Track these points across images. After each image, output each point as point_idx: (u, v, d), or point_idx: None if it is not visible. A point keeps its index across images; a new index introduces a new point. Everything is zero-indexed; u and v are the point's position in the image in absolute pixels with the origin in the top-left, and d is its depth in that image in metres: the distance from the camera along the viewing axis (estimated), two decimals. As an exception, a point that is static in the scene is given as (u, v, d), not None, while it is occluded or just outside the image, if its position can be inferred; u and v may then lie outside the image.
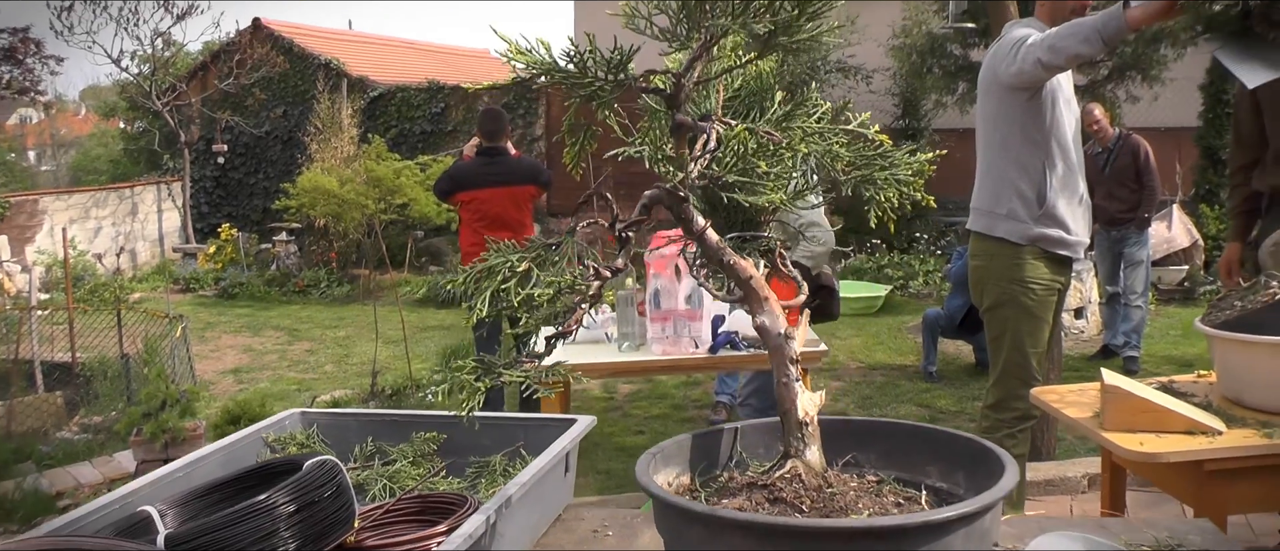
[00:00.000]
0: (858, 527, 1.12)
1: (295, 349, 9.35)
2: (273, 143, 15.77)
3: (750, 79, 1.42)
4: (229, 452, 1.77)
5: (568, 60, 1.25)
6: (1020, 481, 3.61)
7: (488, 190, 5.89)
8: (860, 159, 1.38)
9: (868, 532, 1.10)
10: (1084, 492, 4.63)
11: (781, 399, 1.31)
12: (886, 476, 1.35)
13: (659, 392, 6.94)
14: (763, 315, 1.34)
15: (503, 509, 1.35)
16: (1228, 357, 2.65)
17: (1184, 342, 7.87)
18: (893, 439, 1.42)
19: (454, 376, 1.20)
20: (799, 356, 1.34)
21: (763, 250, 1.47)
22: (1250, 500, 2.49)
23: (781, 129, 1.33)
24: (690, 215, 1.35)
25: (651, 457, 1.31)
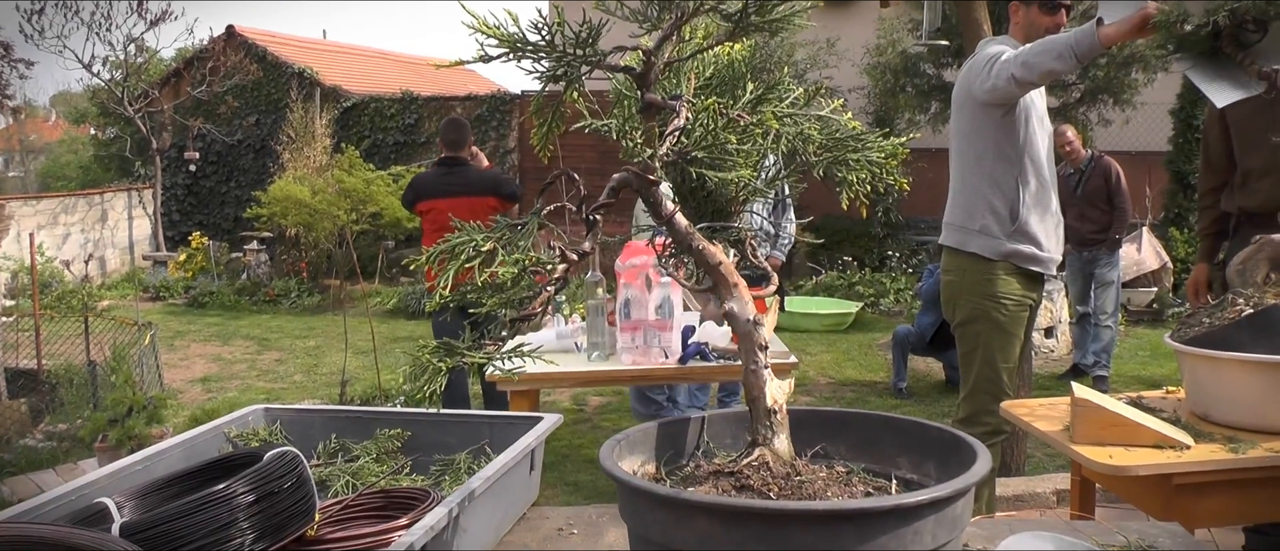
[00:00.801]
0: (825, 510, 1.10)
1: (265, 358, 9.26)
2: (245, 151, 15.68)
3: (722, 67, 1.41)
4: (190, 447, 1.74)
5: (536, 34, 1.23)
6: (990, 495, 3.62)
7: (446, 200, 5.82)
8: (831, 141, 1.37)
9: (836, 515, 1.09)
10: (1053, 508, 4.65)
11: (749, 386, 1.30)
12: (856, 466, 1.33)
13: (628, 405, 6.90)
14: (732, 301, 1.33)
15: (465, 503, 1.33)
16: (1196, 373, 2.66)
17: (1152, 363, 7.93)
18: (863, 429, 1.41)
19: (418, 359, 1.18)
20: (767, 342, 1.33)
21: (732, 240, 1.46)
22: (1216, 514, 2.50)
23: (753, 112, 1.33)
24: (658, 198, 1.33)
25: (616, 444, 1.29)
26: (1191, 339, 2.61)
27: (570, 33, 1.23)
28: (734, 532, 1.08)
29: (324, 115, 14.25)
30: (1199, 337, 2.59)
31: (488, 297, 1.25)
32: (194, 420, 5.68)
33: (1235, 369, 2.52)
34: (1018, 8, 3.57)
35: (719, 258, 1.35)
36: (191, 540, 1.22)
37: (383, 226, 12.14)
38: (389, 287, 12.33)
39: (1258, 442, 2.43)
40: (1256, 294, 2.64)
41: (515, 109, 14.53)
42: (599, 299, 3.56)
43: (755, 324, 1.31)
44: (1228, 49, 2.98)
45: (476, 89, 17.27)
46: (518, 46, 1.24)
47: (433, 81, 18.85)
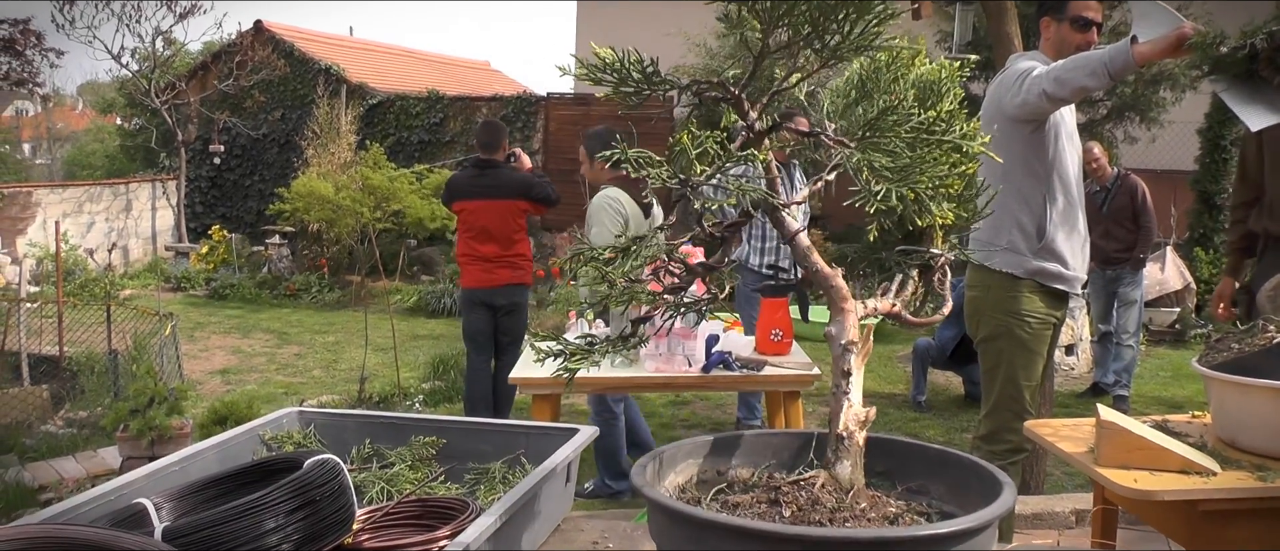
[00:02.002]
0: (821, 537, 1.11)
1: (284, 352, 9.31)
2: (269, 145, 15.76)
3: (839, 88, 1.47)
4: (224, 449, 1.75)
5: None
6: (1010, 514, 3.61)
7: (476, 202, 5.92)
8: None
9: (835, 543, 1.10)
10: (1072, 528, 4.62)
11: (832, 407, 1.32)
12: (915, 503, 1.35)
13: (648, 411, 6.91)
14: (834, 323, 1.34)
15: (506, 515, 1.34)
16: (1224, 399, 2.65)
17: (1174, 384, 7.89)
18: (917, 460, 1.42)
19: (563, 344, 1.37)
20: (851, 369, 1.34)
21: (921, 265, 1.46)
22: (1242, 542, 2.48)
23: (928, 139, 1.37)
24: (783, 220, 1.37)
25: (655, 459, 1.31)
26: (1220, 364, 2.60)
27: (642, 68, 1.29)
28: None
29: (349, 112, 14.31)
30: (1228, 363, 2.58)
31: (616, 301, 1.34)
32: (214, 412, 5.71)
33: (1265, 396, 2.51)
34: (1049, 23, 3.56)
35: (835, 281, 1.37)
36: (233, 546, 1.23)
37: (406, 225, 12.18)
38: (409, 285, 12.37)
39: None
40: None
41: (541, 110, 14.57)
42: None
43: (846, 349, 1.32)
44: (1264, 72, 2.97)
45: (502, 89, 17.32)
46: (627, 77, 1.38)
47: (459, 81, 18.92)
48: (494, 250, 5.91)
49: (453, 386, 7.35)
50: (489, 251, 5.91)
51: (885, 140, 1.35)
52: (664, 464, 1.33)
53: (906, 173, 1.36)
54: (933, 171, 1.37)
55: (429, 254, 13.36)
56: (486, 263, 5.92)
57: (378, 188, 11.66)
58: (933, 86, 1.47)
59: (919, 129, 1.37)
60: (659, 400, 7.02)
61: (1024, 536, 4.48)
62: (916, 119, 1.39)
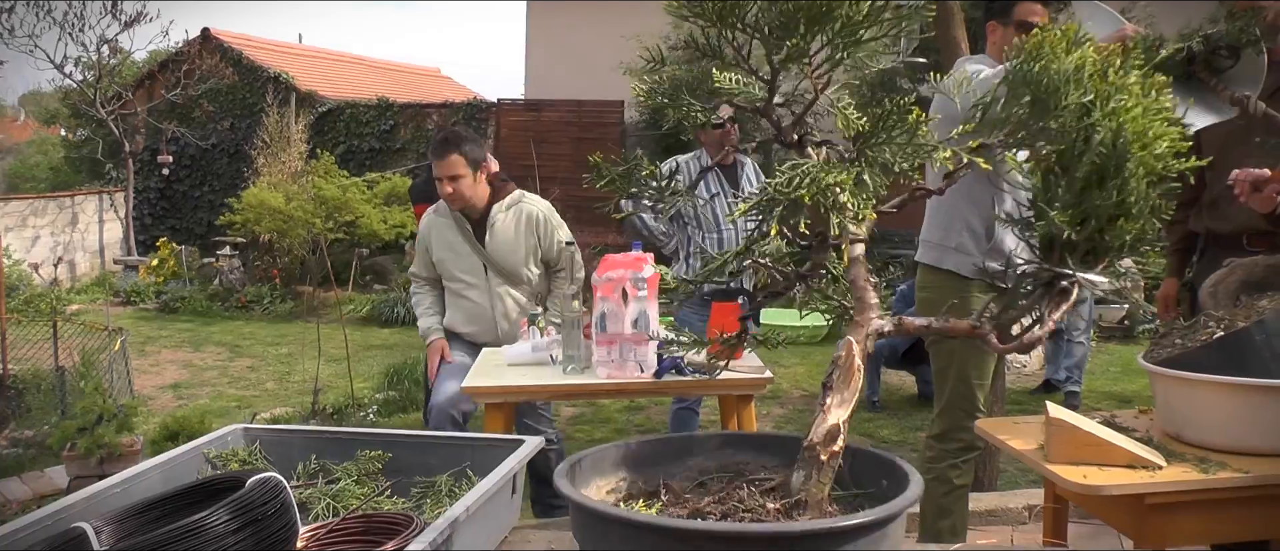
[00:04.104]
0: (724, 532, 1.14)
1: (237, 365, 9.20)
2: (219, 155, 15.58)
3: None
4: (168, 468, 1.73)
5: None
6: (963, 511, 3.64)
7: (424, 205, 6.00)
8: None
9: (739, 537, 1.13)
10: (1025, 523, 4.67)
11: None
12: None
13: (603, 417, 6.91)
14: (845, 340, 1.34)
15: (450, 530, 1.33)
16: (1169, 394, 2.69)
17: (1124, 379, 8.00)
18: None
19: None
20: (833, 384, 1.33)
21: (1060, 289, 1.40)
22: (1187, 533, 2.53)
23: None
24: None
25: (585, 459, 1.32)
26: (1165, 360, 2.64)
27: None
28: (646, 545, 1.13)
29: (299, 120, 14.18)
30: (1172, 359, 2.62)
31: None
32: (165, 428, 5.62)
33: (1207, 390, 2.56)
34: (995, 27, 3.60)
35: (871, 301, 1.36)
36: (173, 568, 1.21)
37: (358, 235, 12.09)
38: (362, 295, 12.27)
39: (1228, 463, 2.46)
40: (1228, 317, 2.67)
41: (492, 116, 14.52)
42: (574, 312, 3.56)
43: (833, 363, 1.33)
44: (1201, 74, 3.03)
45: (453, 96, 17.26)
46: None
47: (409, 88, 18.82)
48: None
49: (407, 396, 7.30)
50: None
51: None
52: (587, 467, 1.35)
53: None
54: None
55: (381, 263, 13.26)
56: None
57: (330, 199, 11.57)
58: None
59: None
60: (614, 406, 7.02)
61: (978, 533, 4.52)
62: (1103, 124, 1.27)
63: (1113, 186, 1.25)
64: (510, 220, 4.42)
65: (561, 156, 13.87)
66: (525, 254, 4.41)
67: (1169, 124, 1.29)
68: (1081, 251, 1.32)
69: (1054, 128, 1.28)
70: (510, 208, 4.44)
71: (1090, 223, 1.29)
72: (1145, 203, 1.27)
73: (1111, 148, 1.25)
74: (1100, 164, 1.25)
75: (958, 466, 3.56)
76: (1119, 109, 1.26)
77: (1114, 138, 1.25)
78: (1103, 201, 1.26)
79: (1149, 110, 1.27)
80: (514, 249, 4.39)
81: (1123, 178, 1.25)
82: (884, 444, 6.16)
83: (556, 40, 15.37)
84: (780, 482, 1.32)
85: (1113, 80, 1.28)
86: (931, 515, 3.60)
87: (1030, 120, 1.32)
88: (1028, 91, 1.32)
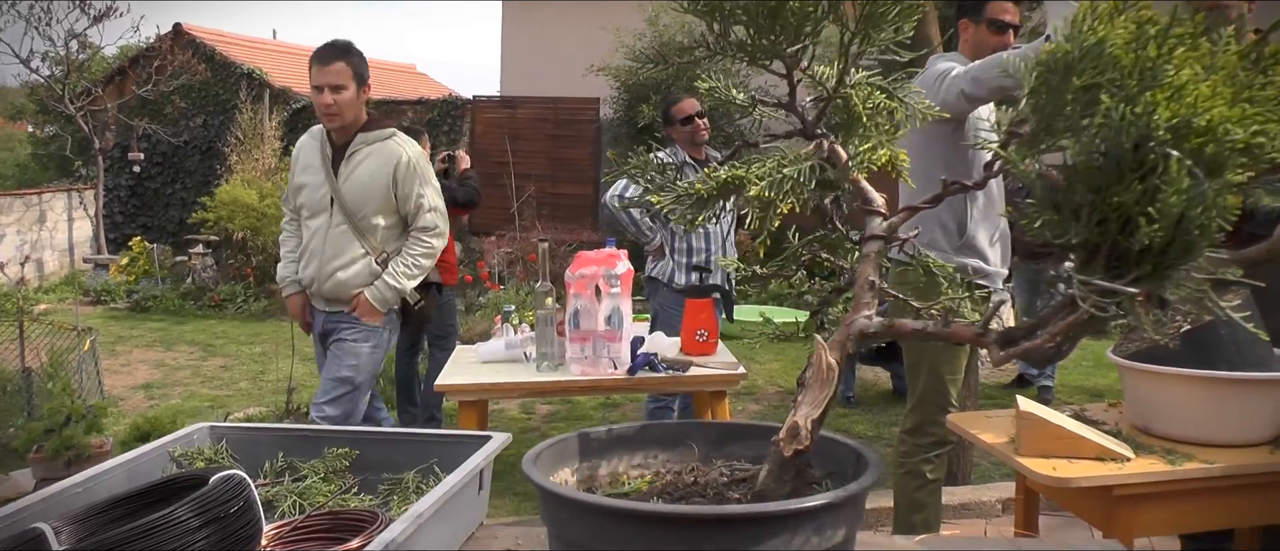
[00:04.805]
0: (666, 514, 1.15)
1: (209, 364, 9.13)
2: (191, 152, 15.44)
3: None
4: (132, 467, 1.70)
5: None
6: (936, 504, 3.66)
7: None
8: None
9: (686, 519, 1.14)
10: (998, 516, 4.71)
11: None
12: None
13: (578, 413, 6.90)
14: (817, 339, 1.34)
15: (414, 526, 1.32)
16: (1137, 387, 2.72)
17: (1096, 373, 8.06)
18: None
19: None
20: (807, 381, 1.33)
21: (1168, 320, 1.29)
22: (1155, 524, 2.56)
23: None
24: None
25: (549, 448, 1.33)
26: (1133, 354, 2.67)
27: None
28: (612, 531, 1.15)
29: (273, 117, 14.08)
30: (1140, 353, 2.65)
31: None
32: (136, 429, 5.58)
33: (1174, 383, 2.59)
34: (967, 25, 3.62)
35: (864, 301, 1.34)
36: (135, 567, 1.20)
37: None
38: (337, 292, 12.19)
39: (1194, 455, 2.49)
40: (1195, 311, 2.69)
41: (467, 113, 14.47)
42: (548, 309, 3.55)
43: (808, 361, 1.32)
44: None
45: (428, 93, 17.19)
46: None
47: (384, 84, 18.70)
48: None
49: (382, 394, 7.26)
50: None
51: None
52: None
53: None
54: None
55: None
56: None
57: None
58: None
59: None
60: (589, 402, 7.01)
61: (951, 526, 4.55)
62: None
63: (1132, 179, 1.06)
64: (373, 156, 3.90)
65: (536, 153, 13.85)
66: (378, 199, 3.89)
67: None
68: (1104, 258, 1.14)
69: (1099, 119, 1.08)
70: (378, 142, 3.93)
71: (1109, 224, 1.10)
72: (1189, 200, 1.04)
73: (1171, 135, 1.04)
74: (1142, 154, 1.06)
75: (930, 461, 3.58)
76: (1183, 87, 1.05)
77: (1174, 123, 1.04)
78: (1124, 196, 1.06)
79: (1220, 91, 1.06)
80: (366, 188, 3.88)
81: (1148, 168, 1.06)
82: (859, 439, 6.17)
83: (532, 38, 15.34)
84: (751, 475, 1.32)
85: (1178, 54, 1.06)
86: (905, 508, 3.61)
87: (1074, 109, 1.13)
88: (1079, 72, 1.10)
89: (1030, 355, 1.19)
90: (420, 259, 3.92)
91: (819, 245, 1.49)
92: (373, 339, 3.93)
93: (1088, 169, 1.09)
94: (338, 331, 3.96)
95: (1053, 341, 1.16)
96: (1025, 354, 1.19)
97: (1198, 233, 1.06)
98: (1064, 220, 1.13)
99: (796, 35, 1.31)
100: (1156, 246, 1.07)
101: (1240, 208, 1.14)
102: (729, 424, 1.54)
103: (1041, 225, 1.18)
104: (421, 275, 3.96)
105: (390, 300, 3.88)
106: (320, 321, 4.03)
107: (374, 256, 3.89)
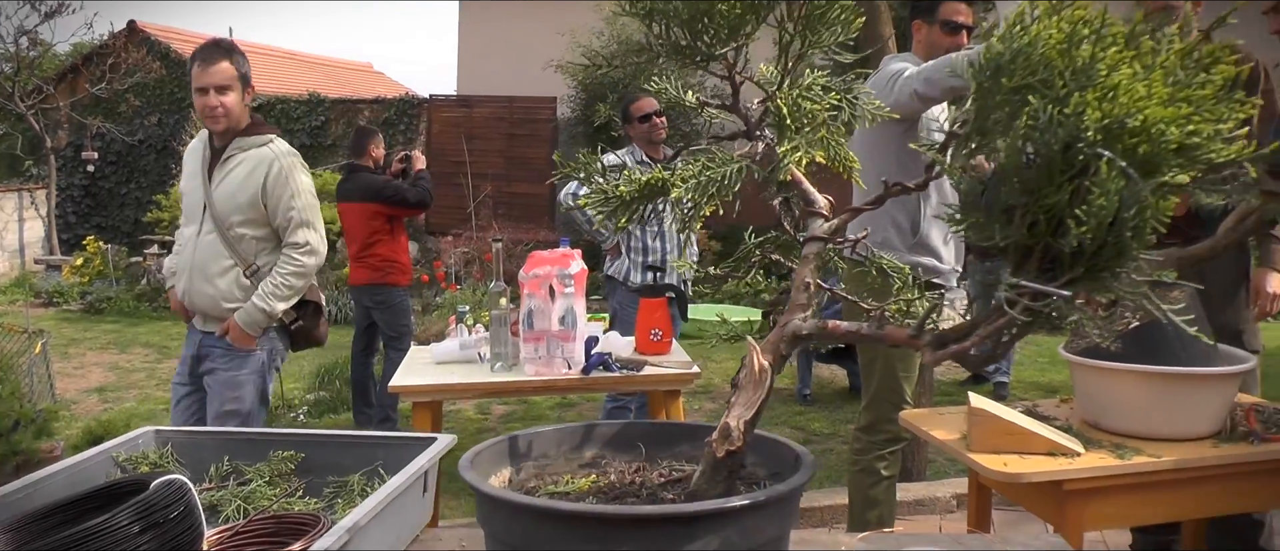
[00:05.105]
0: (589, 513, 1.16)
1: (165, 367, 9.01)
2: (146, 151, 15.26)
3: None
4: (75, 472, 1.68)
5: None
6: (890, 501, 3.69)
7: (342, 204, 6.33)
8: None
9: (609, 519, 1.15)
10: (953, 512, 4.75)
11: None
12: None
13: (534, 413, 6.89)
14: (749, 341, 1.35)
15: (355, 529, 1.31)
16: (1086, 383, 2.75)
17: (1051, 369, 8.16)
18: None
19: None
20: (741, 382, 1.34)
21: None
22: (1106, 517, 2.59)
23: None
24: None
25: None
26: (1082, 350, 2.71)
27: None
28: (537, 530, 1.17)
29: (229, 116, 13.91)
30: (1090, 349, 2.69)
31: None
32: (88, 433, 5.50)
33: (1122, 379, 2.62)
34: (920, 26, 3.65)
35: (798, 301, 1.34)
36: (72, 574, 1.18)
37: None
38: (295, 293, 12.09)
39: (1142, 449, 2.53)
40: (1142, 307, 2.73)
41: (423, 112, 14.40)
42: (502, 309, 3.54)
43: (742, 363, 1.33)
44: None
45: (385, 91, 17.08)
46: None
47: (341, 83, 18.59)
48: (354, 250, 6.26)
49: (338, 396, 7.22)
50: (352, 251, 6.30)
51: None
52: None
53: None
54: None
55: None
56: (353, 261, 6.33)
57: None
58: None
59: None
60: (546, 402, 7.00)
61: (906, 522, 4.58)
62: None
63: (1062, 180, 1.06)
64: (246, 162, 3.68)
65: (493, 152, 13.80)
66: (247, 207, 3.63)
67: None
68: (1037, 260, 1.14)
69: (1025, 120, 1.08)
70: (253, 148, 3.71)
71: (1039, 226, 1.11)
72: (1122, 201, 1.03)
73: (1103, 136, 1.03)
74: (1072, 156, 1.05)
75: (884, 457, 3.60)
76: (1116, 88, 1.04)
77: (1105, 125, 1.03)
78: (1055, 198, 1.06)
79: (1155, 92, 1.05)
80: (234, 195, 3.64)
81: (1079, 169, 1.05)
82: (815, 436, 6.22)
83: (489, 36, 15.28)
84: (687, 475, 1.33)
85: (1109, 55, 1.06)
86: (859, 505, 3.64)
87: (1007, 110, 1.13)
88: (1009, 73, 1.11)
89: (963, 357, 1.19)
90: (290, 279, 3.65)
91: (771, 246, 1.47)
92: (250, 363, 3.70)
93: (1018, 170, 1.09)
94: (211, 359, 3.72)
95: (985, 343, 1.16)
96: (958, 355, 1.19)
97: (1131, 234, 1.05)
98: (989, 222, 1.13)
99: (731, 37, 1.31)
100: (1089, 248, 1.06)
101: (1187, 208, 1.16)
102: (676, 424, 1.55)
103: (968, 228, 1.17)
104: (294, 296, 3.69)
105: (260, 323, 3.63)
106: (195, 342, 3.79)
107: (242, 269, 3.65)
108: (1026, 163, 1.09)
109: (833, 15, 1.29)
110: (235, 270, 3.64)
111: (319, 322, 3.91)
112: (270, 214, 3.66)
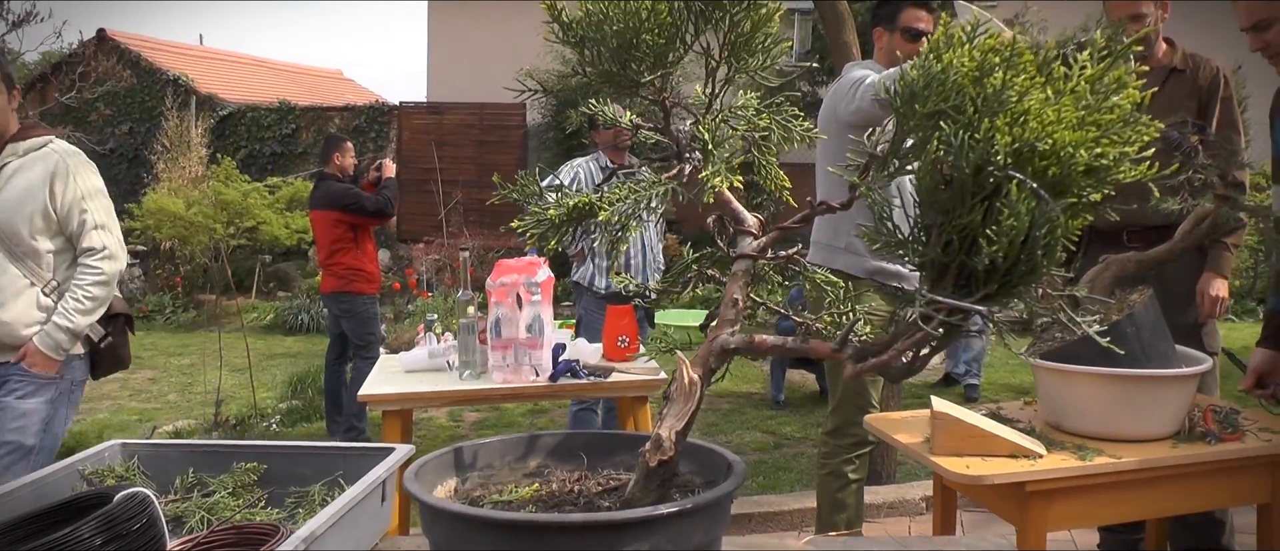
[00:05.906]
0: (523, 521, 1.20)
1: (137, 377, 8.97)
2: (117, 161, 15.16)
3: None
4: (40, 486, 1.68)
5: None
6: (858, 505, 3.72)
7: (311, 212, 6.48)
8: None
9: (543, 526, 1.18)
10: (923, 514, 4.79)
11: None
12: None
13: (506, 420, 6.90)
14: (679, 355, 1.38)
15: (313, 537, 1.33)
16: (1049, 385, 2.79)
17: (1021, 371, 8.23)
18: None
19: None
20: (671, 395, 1.37)
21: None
22: (1069, 517, 2.62)
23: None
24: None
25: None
26: (1046, 353, 2.74)
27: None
28: (473, 538, 1.21)
29: (200, 124, 13.89)
30: (1052, 352, 2.72)
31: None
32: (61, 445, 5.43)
33: (1084, 381, 2.66)
34: (882, 34, 3.68)
35: (726, 317, 1.39)
36: (34, 588, 1.19)
37: (261, 242, 11.88)
38: (266, 302, 12.06)
39: (1103, 450, 2.57)
40: (1103, 310, 2.78)
41: (394, 119, 14.38)
42: (470, 317, 3.55)
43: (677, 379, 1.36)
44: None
45: (355, 99, 17.05)
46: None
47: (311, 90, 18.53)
48: (322, 258, 6.36)
49: (311, 405, 7.21)
50: (320, 259, 6.42)
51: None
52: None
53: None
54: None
55: (285, 269, 13.05)
56: (322, 269, 6.44)
57: (231, 203, 11.36)
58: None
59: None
60: (517, 409, 7.01)
61: (876, 525, 4.62)
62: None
63: (974, 201, 1.11)
64: (26, 169, 3.29)
65: (464, 159, 13.79)
66: (36, 218, 3.24)
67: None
68: (953, 277, 1.19)
69: (935, 145, 1.14)
70: (31, 152, 3.32)
71: (954, 246, 1.16)
72: (1032, 221, 1.08)
73: (1013, 159, 1.09)
74: (983, 178, 1.10)
75: (852, 461, 3.63)
76: (1027, 113, 1.10)
77: (1015, 148, 1.09)
78: (968, 218, 1.12)
79: (1065, 116, 1.10)
80: (19, 206, 3.22)
81: (990, 191, 1.11)
82: (786, 439, 6.25)
83: (458, 43, 15.27)
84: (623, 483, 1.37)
85: (1018, 82, 1.12)
86: (827, 509, 3.66)
87: (921, 134, 1.19)
88: (923, 99, 1.17)
89: (885, 370, 1.23)
90: (91, 289, 3.29)
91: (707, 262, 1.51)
92: (48, 391, 3.28)
93: (932, 192, 1.14)
94: (7, 385, 3.24)
95: (902, 357, 1.20)
96: (878, 369, 1.23)
97: (1042, 252, 1.11)
98: (897, 242, 1.19)
99: (656, 65, 1.35)
100: (1002, 265, 1.11)
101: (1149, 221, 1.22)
102: (616, 434, 1.60)
103: (879, 248, 1.24)
104: (99, 307, 3.34)
105: (65, 343, 3.26)
106: None
107: (41, 287, 3.27)
108: (940, 184, 1.14)
109: (757, 42, 1.32)
110: (32, 290, 3.25)
111: (127, 339, 3.59)
112: (62, 221, 3.31)
